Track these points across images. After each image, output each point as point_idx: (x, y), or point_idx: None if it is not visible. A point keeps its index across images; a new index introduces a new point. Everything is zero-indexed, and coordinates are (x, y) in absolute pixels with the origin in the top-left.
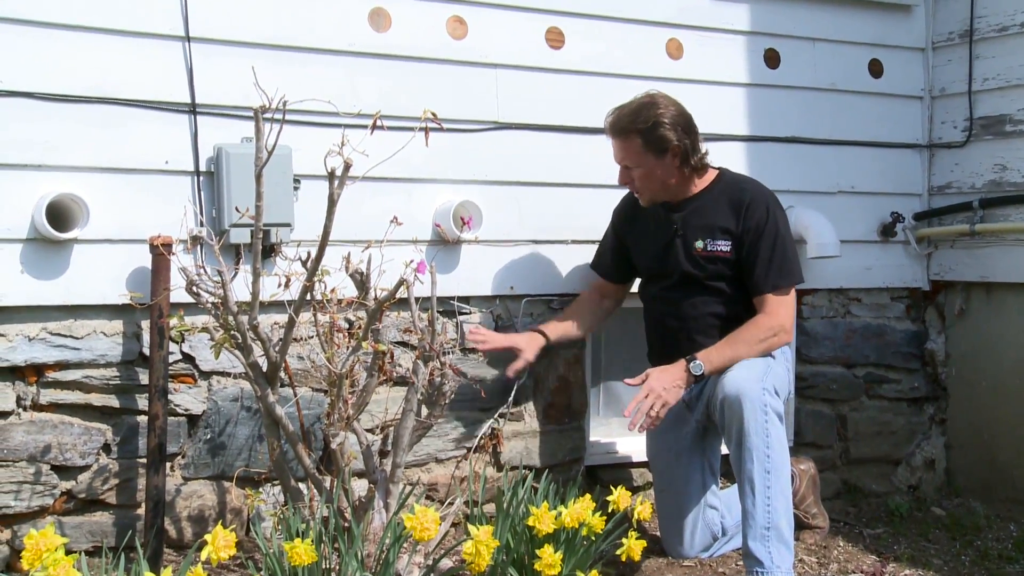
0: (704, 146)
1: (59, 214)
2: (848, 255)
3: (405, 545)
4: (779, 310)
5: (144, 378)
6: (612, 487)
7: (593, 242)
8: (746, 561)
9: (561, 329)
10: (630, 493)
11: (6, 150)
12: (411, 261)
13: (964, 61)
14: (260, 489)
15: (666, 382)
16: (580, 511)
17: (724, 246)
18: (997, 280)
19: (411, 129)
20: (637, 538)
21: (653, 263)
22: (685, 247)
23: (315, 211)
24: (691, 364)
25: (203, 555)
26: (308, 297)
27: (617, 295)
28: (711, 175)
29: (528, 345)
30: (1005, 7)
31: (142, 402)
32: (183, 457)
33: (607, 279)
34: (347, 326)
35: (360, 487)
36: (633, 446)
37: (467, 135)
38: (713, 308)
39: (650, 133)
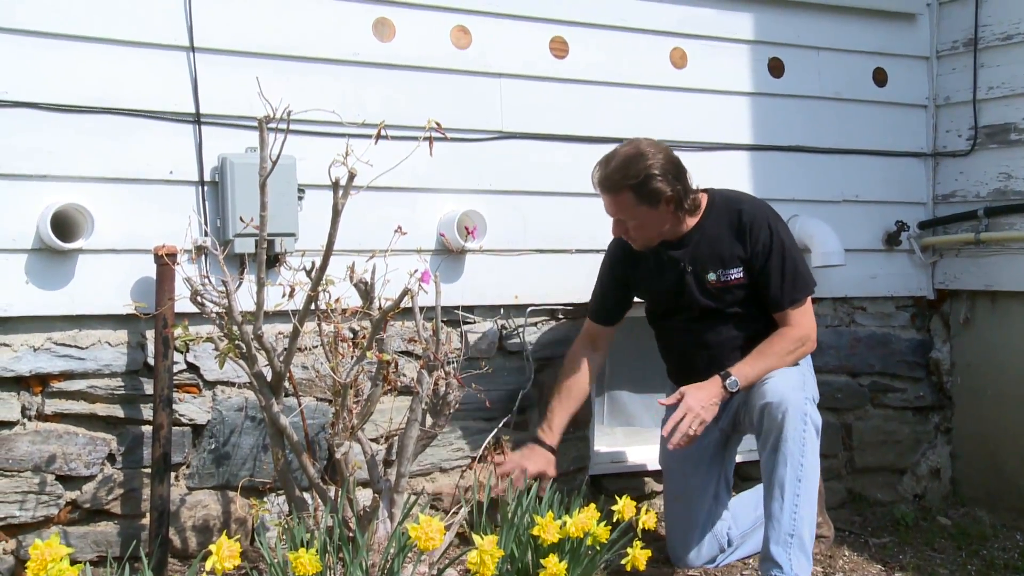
0: (694, 182)
1: (64, 224)
2: (853, 264)
3: (410, 555)
4: (802, 320)
5: (149, 388)
6: (617, 496)
7: (598, 251)
8: (764, 564)
9: (565, 421)
10: (635, 502)
11: (11, 160)
12: (415, 271)
13: (968, 70)
14: (265, 499)
15: (703, 400)
16: (585, 520)
17: (737, 274)
18: (1002, 289)
19: (415, 139)
20: (642, 547)
21: (668, 301)
22: (698, 282)
23: (319, 221)
24: (727, 381)
25: (207, 565)
26: (312, 307)
27: (610, 339)
28: (702, 202)
29: (547, 465)
30: (1010, 16)
31: (147, 412)
32: (188, 467)
33: (605, 324)
34: (351, 336)
35: (364, 497)
36: (639, 456)
37: (471, 144)
38: (735, 331)
39: (642, 187)
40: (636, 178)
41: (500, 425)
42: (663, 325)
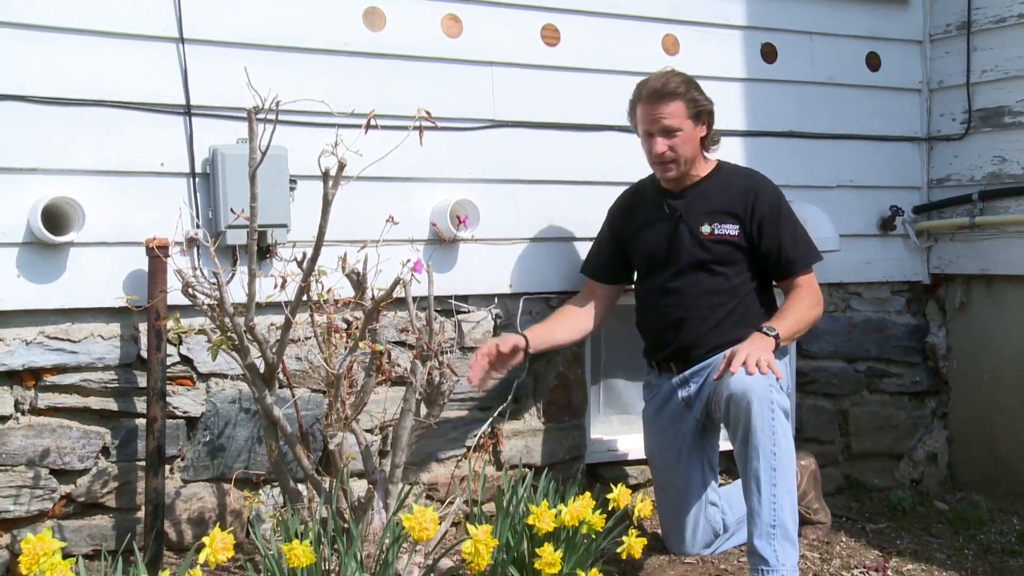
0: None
1: (55, 217)
2: (848, 249)
3: (405, 545)
4: (814, 284)
5: (142, 381)
6: (613, 485)
7: (591, 239)
8: (751, 559)
9: (544, 331)
10: (630, 491)
11: (0, 154)
12: (408, 260)
13: (962, 53)
14: (259, 491)
15: (758, 344)
16: (580, 509)
17: (732, 230)
18: (998, 272)
19: (406, 128)
20: (638, 536)
21: (656, 252)
22: (690, 232)
23: (311, 211)
24: (763, 328)
25: (201, 557)
26: (305, 298)
27: (609, 297)
28: (711, 164)
29: (518, 342)
30: None
31: (140, 405)
32: (182, 459)
33: (598, 279)
34: (345, 326)
35: (359, 488)
36: (633, 443)
37: (463, 133)
38: (715, 298)
39: (691, 95)
40: (687, 85)
41: (495, 414)
42: (646, 286)
